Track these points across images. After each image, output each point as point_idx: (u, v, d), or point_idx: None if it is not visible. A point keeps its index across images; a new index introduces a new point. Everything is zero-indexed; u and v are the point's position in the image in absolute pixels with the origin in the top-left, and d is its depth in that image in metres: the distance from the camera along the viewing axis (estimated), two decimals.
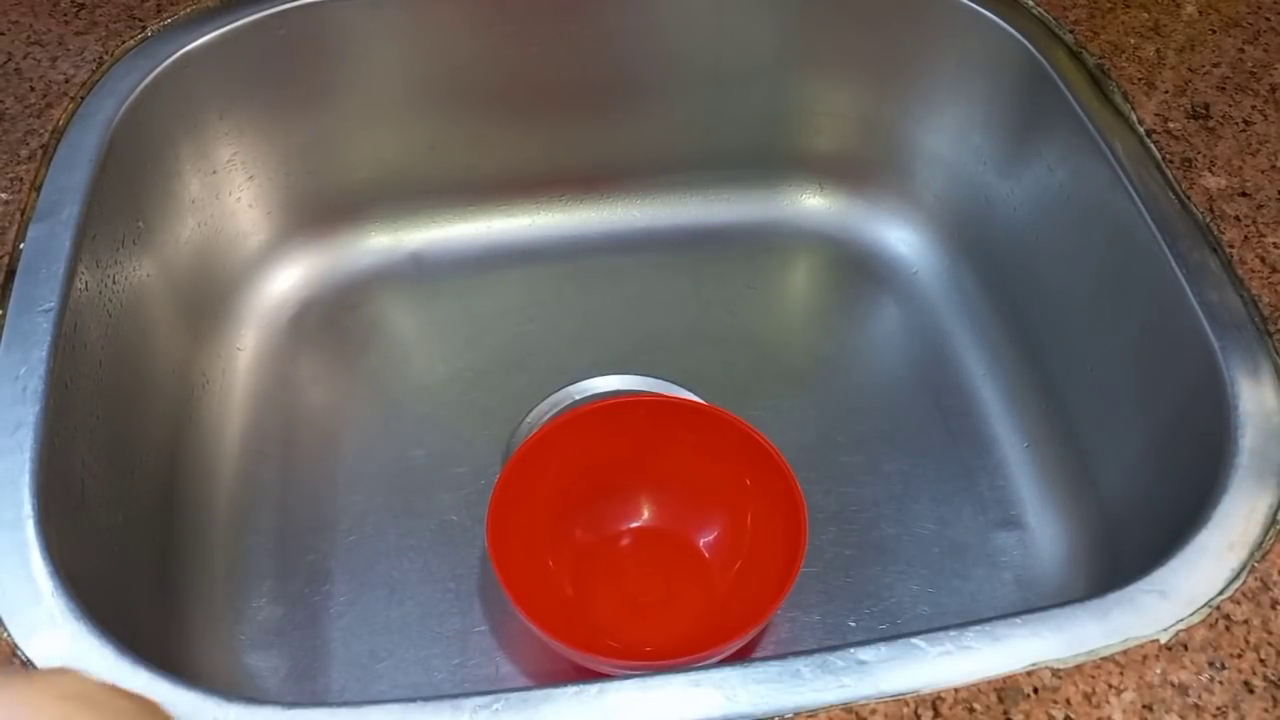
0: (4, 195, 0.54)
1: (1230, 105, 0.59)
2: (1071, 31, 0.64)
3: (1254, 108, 0.59)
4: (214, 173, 0.66)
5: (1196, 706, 0.38)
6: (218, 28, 0.62)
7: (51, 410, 0.46)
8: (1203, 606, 0.41)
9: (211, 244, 0.67)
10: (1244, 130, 0.58)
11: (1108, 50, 0.62)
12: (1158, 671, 0.39)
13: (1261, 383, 0.47)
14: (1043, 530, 0.60)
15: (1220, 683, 0.39)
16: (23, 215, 0.53)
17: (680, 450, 0.57)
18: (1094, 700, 0.38)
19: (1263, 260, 0.52)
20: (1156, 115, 0.58)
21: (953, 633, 0.40)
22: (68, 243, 0.52)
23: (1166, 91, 0.60)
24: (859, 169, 0.75)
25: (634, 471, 0.58)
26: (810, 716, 0.38)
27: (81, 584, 0.42)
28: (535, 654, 0.56)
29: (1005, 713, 0.38)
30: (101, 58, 0.61)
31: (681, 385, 0.66)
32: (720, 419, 0.56)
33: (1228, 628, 0.40)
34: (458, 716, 0.38)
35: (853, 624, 0.57)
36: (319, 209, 0.72)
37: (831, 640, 0.55)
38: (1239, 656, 0.40)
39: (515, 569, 0.52)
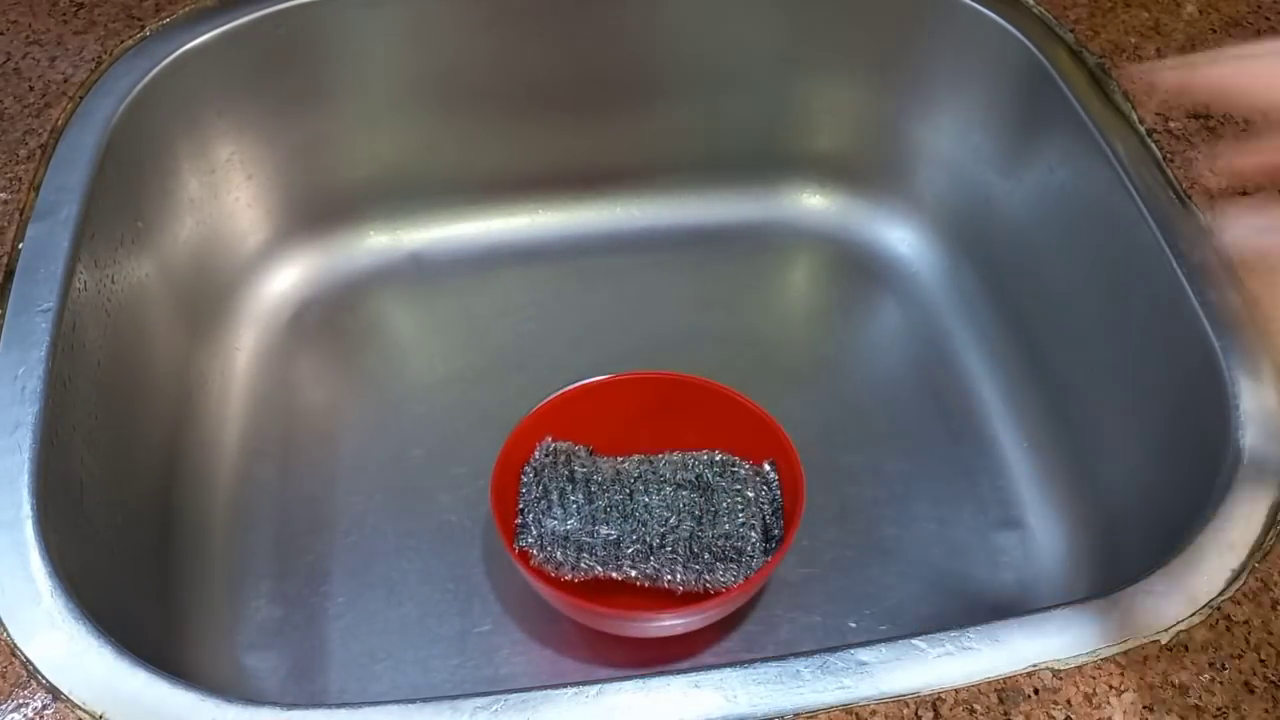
0: (3, 195, 0.54)
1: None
2: (1072, 31, 0.63)
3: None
4: (212, 172, 0.66)
5: (1197, 707, 0.38)
6: (216, 27, 0.62)
7: (50, 410, 0.46)
8: (1203, 607, 0.41)
9: (210, 243, 0.67)
10: (1245, 130, 0.58)
11: (1108, 49, 0.62)
12: (1158, 672, 0.39)
13: (1261, 383, 0.47)
14: (1043, 530, 0.60)
15: (1221, 683, 0.39)
16: (21, 215, 0.53)
17: (680, 421, 0.58)
18: (1094, 701, 0.38)
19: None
20: (1157, 115, 0.58)
21: (953, 633, 0.40)
22: (66, 242, 0.52)
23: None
24: (859, 169, 0.75)
25: (634, 439, 0.58)
26: (810, 717, 0.38)
27: (80, 584, 0.42)
28: (535, 655, 0.56)
29: (1006, 713, 0.38)
30: (100, 57, 0.61)
31: None
32: (721, 396, 0.57)
33: (1228, 628, 0.40)
34: (457, 717, 0.38)
35: (853, 625, 0.57)
36: (318, 208, 0.72)
37: (832, 641, 0.55)
38: (1239, 657, 0.40)
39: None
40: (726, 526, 0.54)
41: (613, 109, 0.73)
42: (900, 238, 0.75)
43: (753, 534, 0.54)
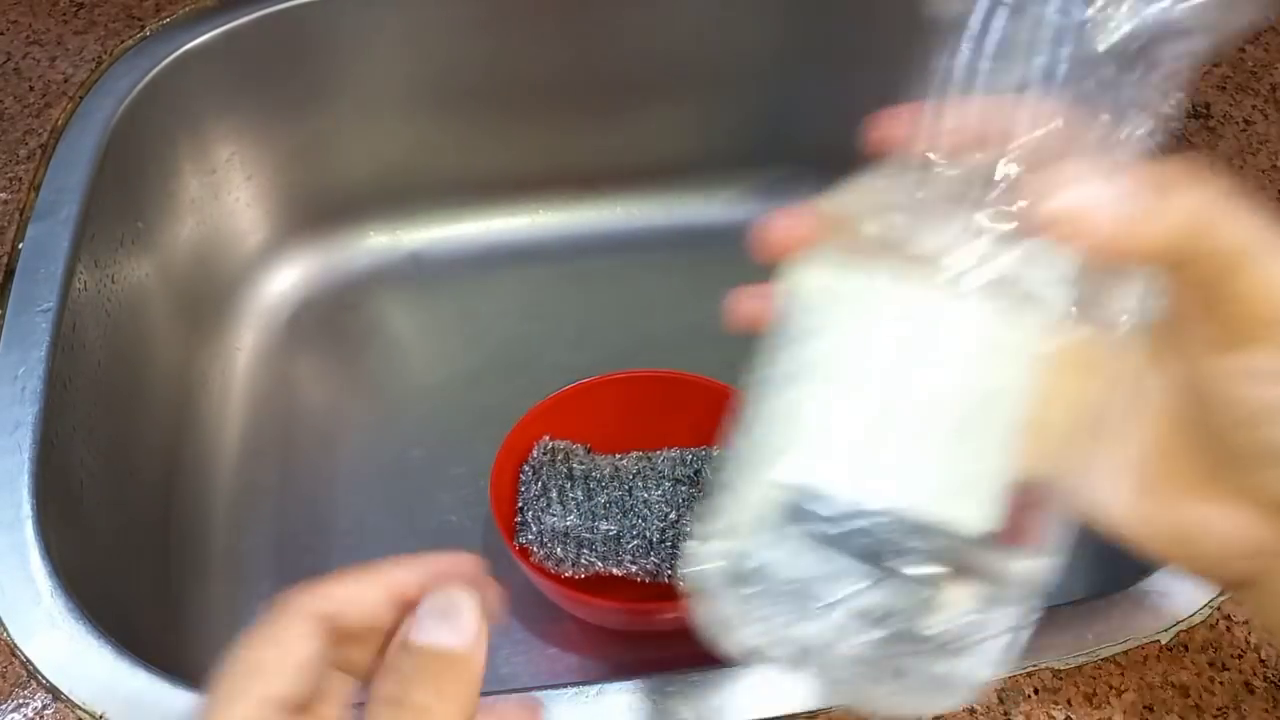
0: (3, 195, 0.54)
1: (1231, 105, 0.59)
2: None
3: (1254, 107, 0.59)
4: (213, 172, 0.66)
5: (1197, 707, 0.38)
6: (216, 27, 0.62)
7: (50, 410, 0.46)
8: (1203, 607, 0.41)
9: (210, 244, 0.67)
10: (1244, 130, 0.58)
11: None
12: (1158, 672, 0.39)
13: None
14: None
15: (1221, 683, 0.39)
16: (21, 215, 0.53)
17: (677, 418, 0.58)
18: (1095, 701, 0.38)
19: None
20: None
21: None
22: (66, 242, 0.52)
23: None
24: (859, 169, 0.75)
25: (631, 437, 0.59)
26: (810, 717, 0.38)
27: (81, 584, 0.42)
28: (535, 655, 0.56)
29: (1006, 713, 0.38)
30: (100, 57, 0.61)
31: None
32: (717, 391, 0.57)
33: (1228, 628, 0.40)
34: None
35: None
36: (317, 208, 0.72)
37: None
38: (1239, 657, 0.40)
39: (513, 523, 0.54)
40: None
41: (612, 109, 0.73)
42: None
43: None
